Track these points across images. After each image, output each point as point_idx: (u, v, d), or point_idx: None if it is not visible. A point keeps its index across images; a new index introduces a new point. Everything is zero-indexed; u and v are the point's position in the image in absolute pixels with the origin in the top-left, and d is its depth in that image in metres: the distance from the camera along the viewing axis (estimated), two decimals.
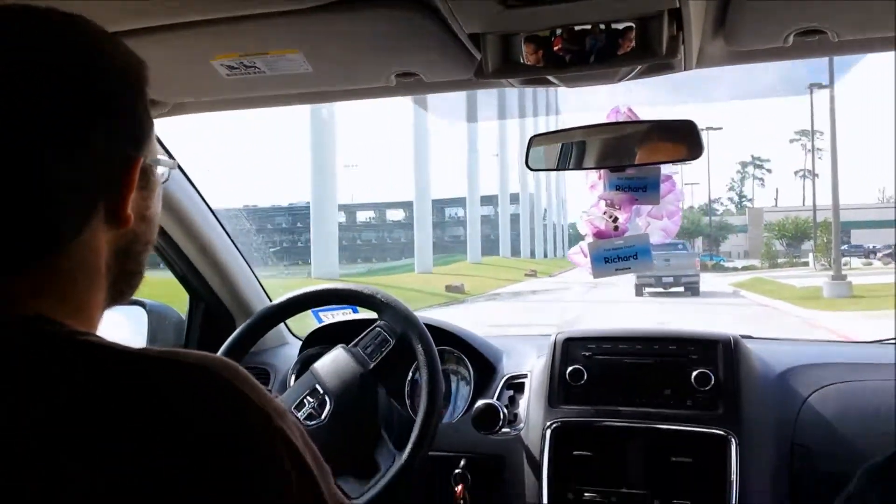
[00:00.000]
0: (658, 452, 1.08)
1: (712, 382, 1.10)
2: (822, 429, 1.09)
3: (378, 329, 1.12)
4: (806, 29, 0.80)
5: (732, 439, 1.05)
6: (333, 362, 1.12)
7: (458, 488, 1.15)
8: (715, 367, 1.11)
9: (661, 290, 14.91)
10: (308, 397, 1.08)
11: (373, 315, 1.35)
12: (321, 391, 1.08)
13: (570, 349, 1.20)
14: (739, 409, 1.08)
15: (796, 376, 1.16)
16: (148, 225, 0.50)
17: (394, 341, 1.09)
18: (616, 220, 1.08)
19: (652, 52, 0.79)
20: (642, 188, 1.09)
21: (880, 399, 1.10)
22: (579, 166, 1.12)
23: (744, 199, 65.80)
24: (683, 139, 1.04)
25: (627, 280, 16.33)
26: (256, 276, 1.43)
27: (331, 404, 1.07)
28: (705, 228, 40.38)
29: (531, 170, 1.15)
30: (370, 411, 1.08)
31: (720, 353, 1.14)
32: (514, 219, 36.78)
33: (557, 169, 1.15)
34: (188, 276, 1.34)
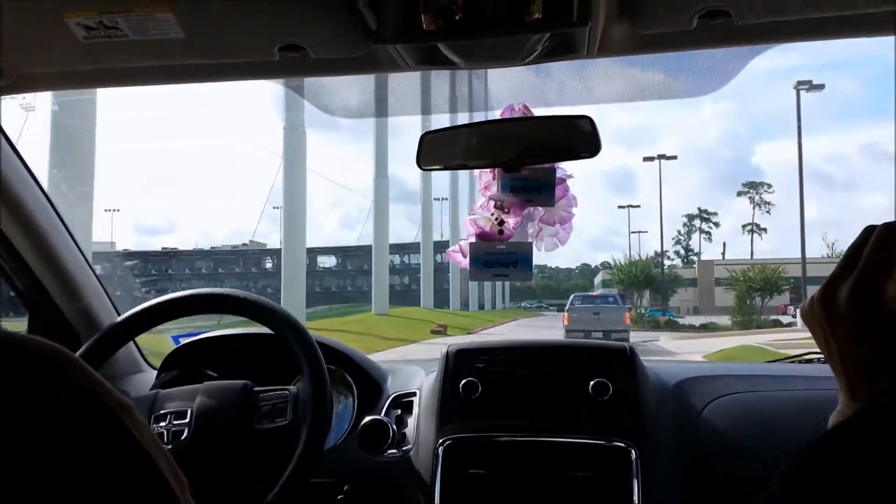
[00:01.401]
0: (557, 467, 1.06)
1: (611, 392, 1.10)
2: (721, 438, 1.11)
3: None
4: (711, 9, 0.82)
5: (633, 451, 1.04)
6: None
7: None
8: (613, 377, 1.11)
9: None
10: (169, 415, 1.01)
11: (230, 330, 1.29)
12: (183, 409, 1.02)
13: (463, 361, 1.17)
14: (639, 419, 1.09)
15: (692, 387, 1.19)
16: None
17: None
18: (502, 223, 1.08)
19: (557, 21, 0.79)
20: (536, 189, 1.09)
21: (775, 408, 1.15)
22: (471, 164, 1.12)
23: (690, 253, 68.71)
24: (580, 135, 1.05)
25: (554, 326, 16.72)
26: (105, 289, 1.32)
27: (193, 419, 1.00)
28: (657, 277, 39.13)
29: (423, 169, 1.14)
30: (245, 426, 1.02)
31: (617, 361, 1.15)
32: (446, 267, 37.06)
33: (450, 168, 1.14)
34: (28, 288, 1.22)
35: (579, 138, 1.04)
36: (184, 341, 1.29)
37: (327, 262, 52.54)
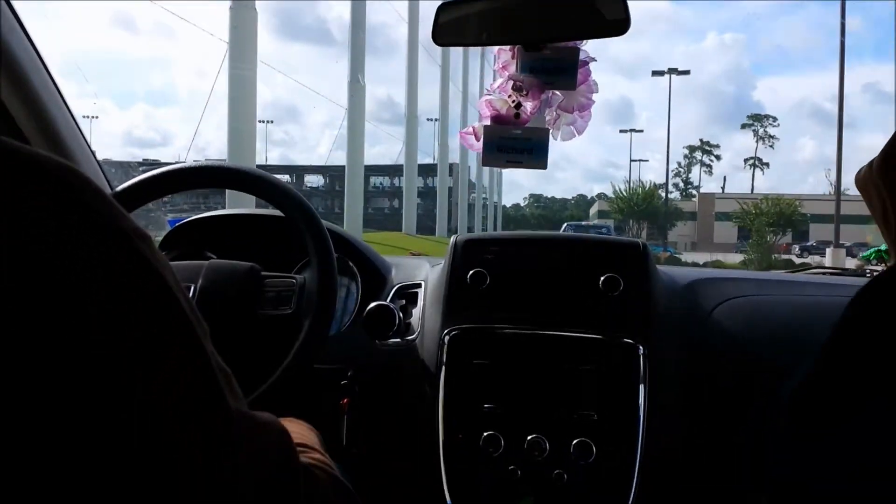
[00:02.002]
0: (564, 361, 1.07)
1: (621, 287, 1.10)
2: (730, 339, 1.12)
3: None
4: None
5: (641, 347, 1.05)
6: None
7: (343, 401, 1.11)
8: (624, 272, 1.11)
9: None
10: None
11: (232, 210, 1.27)
12: (187, 285, 1.00)
13: (470, 251, 1.17)
14: (648, 316, 1.09)
15: (703, 288, 1.20)
16: None
17: None
18: (519, 106, 1.05)
19: None
20: (558, 70, 1.06)
21: (786, 311, 1.16)
22: (491, 40, 1.08)
23: (689, 186, 68.51)
24: (608, 10, 1.01)
25: None
26: (95, 157, 1.28)
27: (196, 297, 0.99)
28: (660, 209, 36.47)
29: (438, 44, 1.10)
30: (248, 309, 1.02)
31: (629, 256, 1.14)
32: (436, 192, 36.79)
33: (468, 44, 1.11)
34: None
35: (607, 12, 1.01)
36: (181, 223, 1.27)
37: (315, 181, 52.07)
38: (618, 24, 1.00)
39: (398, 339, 1.14)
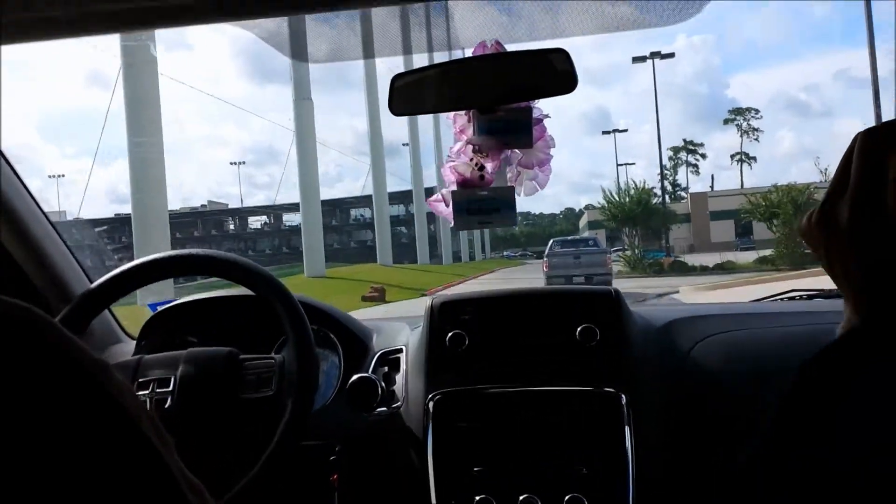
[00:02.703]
0: (549, 417, 1.11)
1: (598, 337, 1.15)
2: (709, 378, 1.16)
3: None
4: None
5: (623, 396, 1.10)
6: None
7: (333, 478, 1.14)
8: (599, 321, 1.16)
9: None
10: (152, 382, 1.04)
11: (210, 293, 1.32)
12: (167, 376, 1.05)
13: (448, 313, 1.22)
14: (627, 363, 1.14)
15: (679, 329, 1.25)
16: None
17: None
18: (482, 168, 1.11)
19: None
20: (513, 130, 1.12)
21: (763, 345, 1.19)
22: (444, 107, 1.14)
23: (678, 188, 68.92)
24: (555, 70, 1.08)
25: (536, 277, 16.96)
26: (75, 256, 1.34)
27: (176, 387, 1.03)
28: (656, 209, 32.35)
29: (395, 114, 1.16)
30: (229, 394, 1.05)
31: (603, 305, 1.19)
32: (425, 219, 36.79)
33: (423, 112, 1.17)
34: None
35: (554, 73, 1.06)
36: (162, 309, 1.32)
37: (256, 222, 51.92)
38: (565, 83, 1.06)
39: (384, 408, 1.18)
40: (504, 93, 1.10)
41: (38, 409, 0.35)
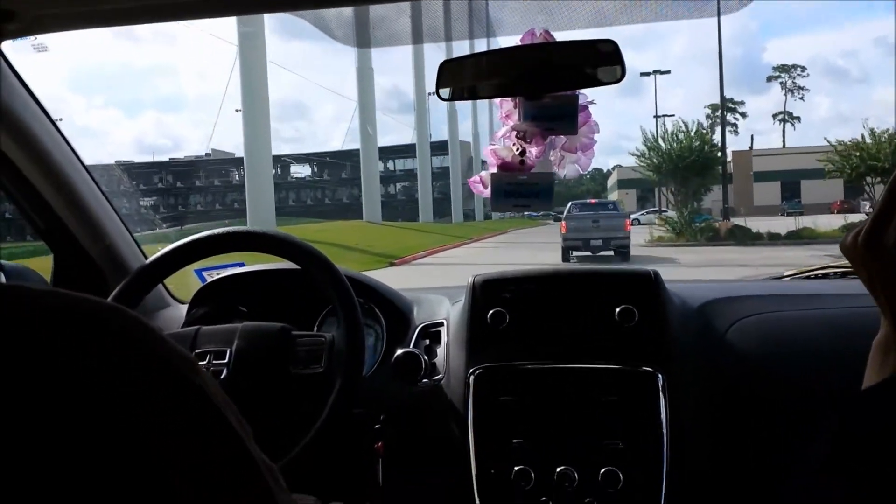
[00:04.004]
0: (586, 393, 1.23)
1: (636, 318, 1.26)
2: (745, 359, 1.27)
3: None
4: None
5: (660, 375, 1.21)
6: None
7: (378, 445, 1.28)
8: (638, 302, 1.28)
9: (589, 253, 16.06)
10: (208, 353, 1.17)
11: (259, 266, 1.45)
12: (223, 349, 1.18)
13: (489, 291, 1.33)
14: (665, 343, 1.25)
15: (715, 309, 1.36)
16: None
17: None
18: (524, 153, 1.22)
19: None
20: (558, 117, 1.23)
21: (800, 327, 1.30)
22: (492, 94, 1.25)
23: (715, 149, 67.60)
24: (604, 61, 1.17)
25: (550, 243, 17.02)
26: (129, 229, 1.48)
27: (232, 360, 1.16)
28: (713, 159, 26.20)
29: (442, 99, 1.27)
30: (281, 369, 1.18)
31: (642, 287, 1.31)
32: (443, 172, 36.48)
33: (470, 98, 1.27)
34: (51, 228, 1.38)
35: (602, 63, 1.16)
36: (208, 275, 1.46)
37: (301, 171, 52.05)
38: (614, 73, 1.16)
39: (426, 380, 1.31)
40: (551, 81, 1.20)
41: (131, 405, 0.39)
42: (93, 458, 0.37)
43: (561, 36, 1.22)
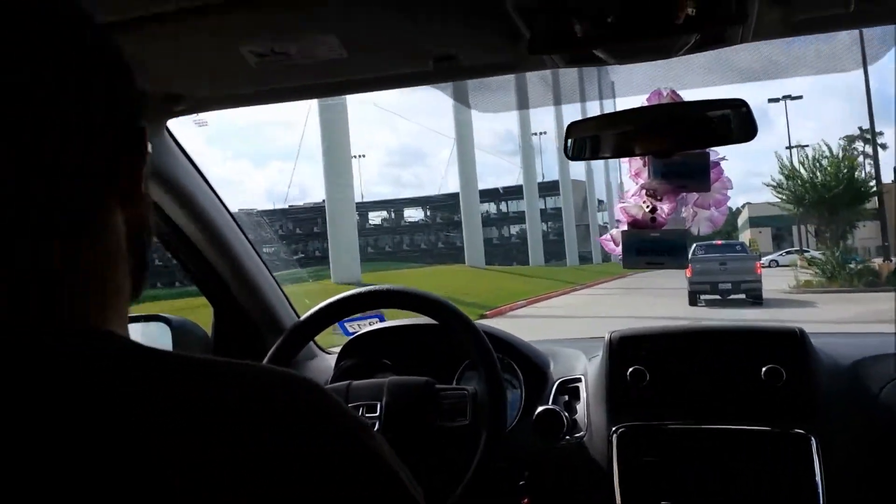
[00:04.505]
0: (734, 455, 1.23)
1: (784, 377, 1.25)
2: None
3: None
4: None
5: (813, 439, 1.19)
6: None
7: (525, 501, 1.33)
8: (785, 362, 1.27)
9: (718, 297, 15.52)
10: (360, 407, 1.27)
11: (402, 321, 1.56)
12: (373, 403, 1.28)
13: (627, 349, 1.36)
14: (816, 404, 1.23)
15: (868, 368, 1.32)
16: (148, 207, 0.55)
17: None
18: (654, 210, 1.26)
19: (713, 18, 0.92)
20: (689, 174, 1.27)
21: None
22: (621, 154, 1.30)
23: (856, 182, 62.95)
24: (734, 120, 1.19)
25: (672, 288, 16.35)
26: (280, 286, 1.64)
27: (382, 414, 1.26)
28: (862, 189, 23.45)
29: (570, 159, 1.34)
30: (428, 422, 1.26)
31: (789, 346, 1.30)
32: (557, 213, 35.77)
33: (598, 158, 1.34)
34: (212, 285, 1.55)
35: (733, 122, 1.18)
36: (349, 326, 1.60)
37: (415, 214, 53.15)
38: (744, 132, 1.19)
39: (567, 437, 1.35)
40: (680, 141, 1.24)
41: (315, 470, 0.42)
42: None
43: (688, 95, 1.27)
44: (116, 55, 0.53)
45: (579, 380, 1.44)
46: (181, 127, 1.43)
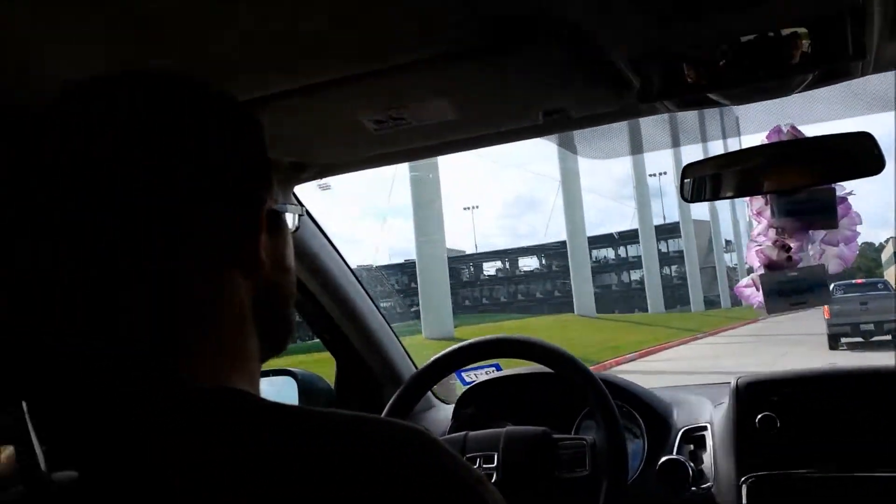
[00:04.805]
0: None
1: None
2: None
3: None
4: None
5: None
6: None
7: None
8: None
9: (860, 339, 14.46)
10: (478, 457, 1.30)
11: (518, 370, 1.58)
12: (490, 453, 1.30)
13: (755, 395, 1.33)
14: None
15: None
16: (284, 274, 0.60)
17: None
18: (788, 248, 1.23)
19: (829, 57, 0.91)
20: (816, 211, 1.23)
21: None
22: (741, 193, 1.29)
23: None
24: (860, 154, 1.16)
25: (812, 333, 15.16)
26: (398, 338, 1.71)
27: (500, 464, 1.27)
28: None
29: (687, 201, 1.33)
30: (546, 473, 1.27)
31: None
32: (676, 257, 34.39)
33: (717, 199, 1.32)
34: (334, 339, 1.64)
35: (859, 156, 1.15)
36: (466, 375, 1.63)
37: (491, 268, 52.79)
38: (871, 166, 1.15)
39: (694, 488, 1.32)
40: (803, 177, 1.22)
41: None
42: None
43: (811, 129, 1.24)
44: (258, 130, 0.59)
45: (705, 428, 1.41)
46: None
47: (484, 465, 1.29)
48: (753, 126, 1.37)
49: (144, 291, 0.50)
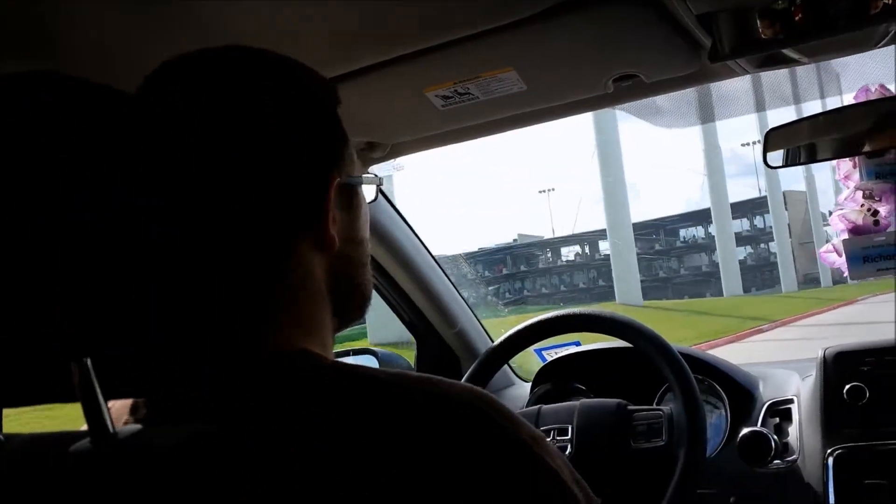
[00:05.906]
0: None
1: None
2: None
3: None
4: None
5: None
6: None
7: None
8: None
9: None
10: (552, 430, 1.34)
11: (597, 345, 1.62)
12: (564, 426, 1.34)
13: (843, 364, 1.33)
14: None
15: None
16: (357, 247, 0.63)
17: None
18: (876, 213, 1.23)
19: None
20: None
21: None
22: (827, 157, 1.29)
23: None
24: None
25: None
26: (475, 314, 1.78)
27: (574, 437, 1.32)
28: None
29: (770, 167, 1.34)
30: (621, 444, 1.30)
31: None
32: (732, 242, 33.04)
33: (802, 163, 1.33)
34: (413, 319, 1.72)
35: None
36: (546, 354, 1.68)
37: (570, 253, 51.88)
38: None
39: (778, 461, 1.34)
40: (893, 138, 1.22)
41: (490, 480, 0.46)
42: None
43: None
44: (332, 104, 0.63)
45: (791, 401, 1.42)
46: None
47: (557, 438, 1.33)
48: (834, 88, 1.36)
49: (227, 267, 0.54)
